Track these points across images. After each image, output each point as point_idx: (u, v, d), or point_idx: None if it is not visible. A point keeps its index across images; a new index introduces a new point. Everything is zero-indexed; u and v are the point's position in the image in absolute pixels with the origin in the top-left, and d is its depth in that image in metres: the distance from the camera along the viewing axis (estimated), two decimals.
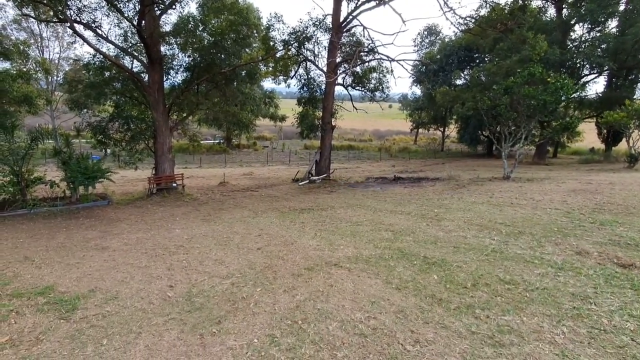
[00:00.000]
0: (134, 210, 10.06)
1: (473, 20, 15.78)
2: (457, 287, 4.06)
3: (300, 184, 14.98)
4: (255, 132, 38.43)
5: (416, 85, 39.63)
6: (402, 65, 15.40)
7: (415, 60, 33.49)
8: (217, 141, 38.98)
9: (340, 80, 16.06)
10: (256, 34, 14.27)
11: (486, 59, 30.00)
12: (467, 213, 7.90)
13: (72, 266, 5.20)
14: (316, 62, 16.08)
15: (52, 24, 23.57)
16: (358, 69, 16.21)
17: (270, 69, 16.85)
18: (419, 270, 4.61)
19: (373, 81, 16.58)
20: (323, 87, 16.20)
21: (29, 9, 12.47)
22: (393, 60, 15.00)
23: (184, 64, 13.69)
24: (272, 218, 8.32)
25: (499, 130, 14.15)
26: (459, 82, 31.82)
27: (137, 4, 11.43)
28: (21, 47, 13.47)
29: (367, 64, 16.29)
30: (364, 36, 15.83)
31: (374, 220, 7.58)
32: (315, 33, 15.43)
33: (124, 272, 4.88)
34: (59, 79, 27.85)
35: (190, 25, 12.58)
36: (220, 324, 3.40)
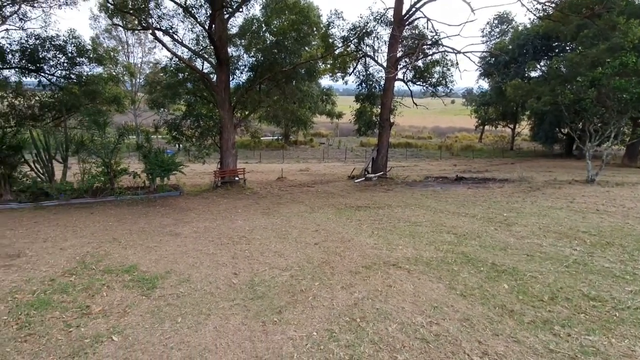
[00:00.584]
0: (201, 201, 10.86)
1: (553, 5, 14.16)
2: (532, 300, 3.70)
3: (356, 181, 14.89)
4: (312, 129, 39.10)
5: (483, 79, 36.86)
6: (468, 58, 14.42)
7: (484, 51, 31.13)
8: (276, 138, 40.41)
9: (400, 75, 15.57)
10: (316, 32, 14.44)
11: (567, 48, 26.78)
12: (542, 219, 7.16)
13: (151, 249, 5.78)
14: (376, 58, 15.79)
15: (136, 31, 26.40)
16: (420, 63, 15.56)
17: (329, 66, 16.94)
18: (487, 278, 4.29)
19: (436, 75, 15.78)
20: (382, 83, 15.85)
21: (118, 19, 14.07)
22: (459, 52, 14.11)
23: (248, 64, 14.37)
24: (329, 214, 8.38)
25: (583, 127, 12.56)
26: (533, 74, 28.86)
27: (208, 9, 12.26)
28: (112, 54, 15.20)
29: (429, 57, 15.56)
30: (427, 28, 15.11)
31: (434, 222, 7.24)
32: (376, 28, 15.13)
33: (194, 258, 5.29)
34: (140, 81, 31.15)
35: (254, 27, 13.16)
36: (280, 314, 3.51)
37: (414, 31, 15.62)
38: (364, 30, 14.87)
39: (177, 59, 13.09)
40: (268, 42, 13.32)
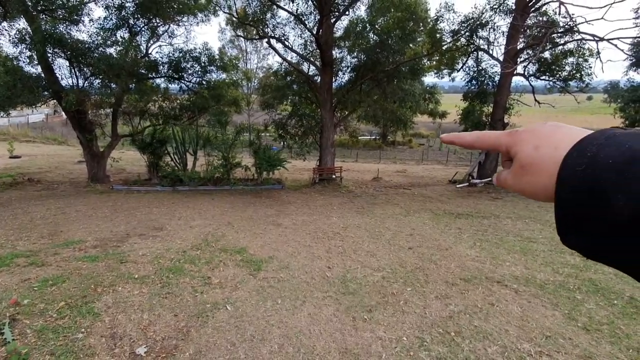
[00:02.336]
0: (300, 195, 11.63)
1: None
2: None
3: (458, 186, 13.84)
4: (412, 129, 37.70)
5: (635, 70, 29.80)
6: (615, 46, 11.86)
7: (637, 37, 25.16)
8: (373, 137, 40.30)
9: (520, 69, 13.77)
10: (422, 28, 13.86)
11: None
12: None
13: (257, 235, 6.49)
14: (490, 51, 14.31)
15: (254, 40, 29.61)
16: (547, 54, 13.50)
17: (434, 62, 16.07)
18: (621, 314, 3.55)
19: (567, 68, 13.47)
20: (496, 79, 14.30)
21: (240, 30, 16.01)
22: (601, 39, 11.74)
23: (351, 65, 14.69)
24: (425, 219, 8.04)
25: None
26: None
27: (316, 15, 12.97)
28: (234, 62, 17.35)
29: (560, 47, 13.35)
30: (558, 14, 12.97)
31: (554, 239, 6.26)
32: (492, 18, 13.71)
33: (293, 247, 5.75)
34: (255, 84, 34.87)
35: (358, 28, 13.36)
36: (371, 313, 3.57)
37: (540, 18, 13.61)
38: (478, 22, 13.63)
39: (286, 64, 14.24)
40: (371, 41, 13.38)
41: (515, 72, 13.31)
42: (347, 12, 13.16)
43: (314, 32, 12.68)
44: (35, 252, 5.11)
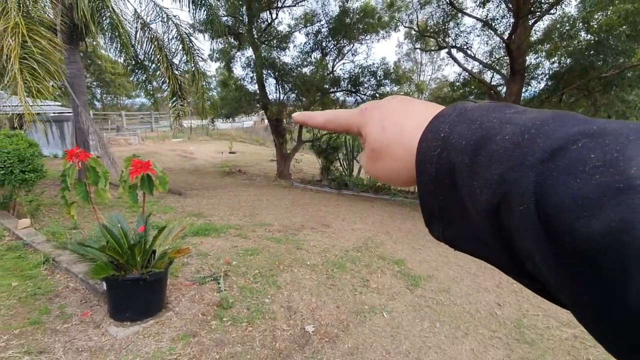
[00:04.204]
0: None
1: None
2: None
3: None
4: None
5: None
6: None
7: None
8: None
9: None
10: None
11: None
12: None
13: (416, 250, 6.31)
14: None
15: (432, 52, 29.09)
16: None
17: None
18: None
19: None
20: None
21: (419, 43, 16.01)
22: None
23: (549, 72, 12.38)
24: None
25: None
26: None
27: (510, 19, 11.58)
28: (407, 75, 17.51)
29: None
30: None
31: None
32: None
33: (455, 271, 5.29)
34: (426, 96, 34.30)
35: (565, 28, 11.10)
36: None
37: None
38: None
39: (465, 73, 13.32)
40: (582, 43, 10.88)
41: None
42: (552, 11, 11.19)
43: (505, 38, 11.37)
44: (241, 227, 6.61)
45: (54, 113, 15.95)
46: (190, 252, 3.30)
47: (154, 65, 10.15)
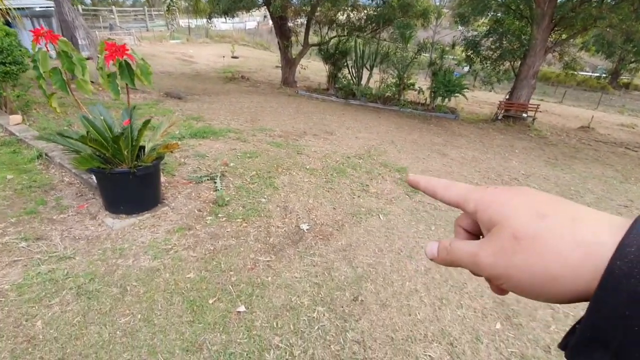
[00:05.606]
0: (475, 130, 10.21)
1: None
2: None
3: None
4: None
5: None
6: None
7: None
8: (598, 74, 30.14)
9: None
10: None
11: None
12: None
13: (420, 159, 6.16)
14: None
15: None
16: None
17: None
18: None
19: None
20: None
21: None
22: None
23: None
24: None
25: None
26: None
27: None
28: None
29: None
30: None
31: None
32: None
33: (457, 181, 5.19)
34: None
35: None
36: None
37: None
38: None
39: None
40: None
41: None
42: None
43: None
44: (240, 131, 6.40)
45: (40, 8, 14.57)
46: (178, 147, 3.14)
47: None
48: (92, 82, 3.53)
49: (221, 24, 29.74)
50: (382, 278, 2.63)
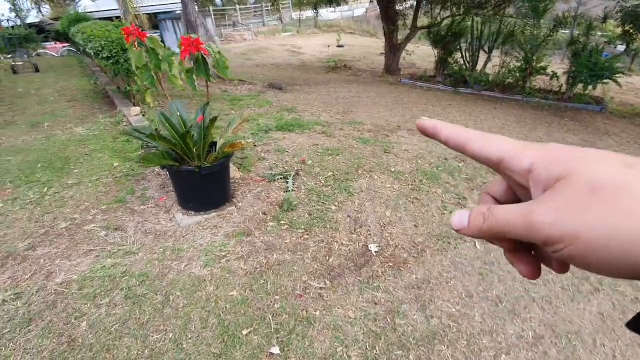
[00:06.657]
0: (629, 126, 7.73)
1: None
2: None
3: None
4: None
5: None
6: None
7: None
8: None
9: None
10: None
11: None
12: None
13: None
14: None
15: None
16: None
17: None
18: None
19: None
20: None
21: None
22: None
23: None
24: None
25: None
26: None
27: None
28: None
29: None
30: None
31: None
32: None
33: None
34: None
35: None
36: None
37: None
38: None
39: None
40: None
41: None
42: None
43: None
44: (329, 124, 6.08)
45: (179, 11, 17.01)
46: (243, 146, 2.95)
47: None
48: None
49: (330, 13, 29.98)
50: (466, 342, 1.93)
